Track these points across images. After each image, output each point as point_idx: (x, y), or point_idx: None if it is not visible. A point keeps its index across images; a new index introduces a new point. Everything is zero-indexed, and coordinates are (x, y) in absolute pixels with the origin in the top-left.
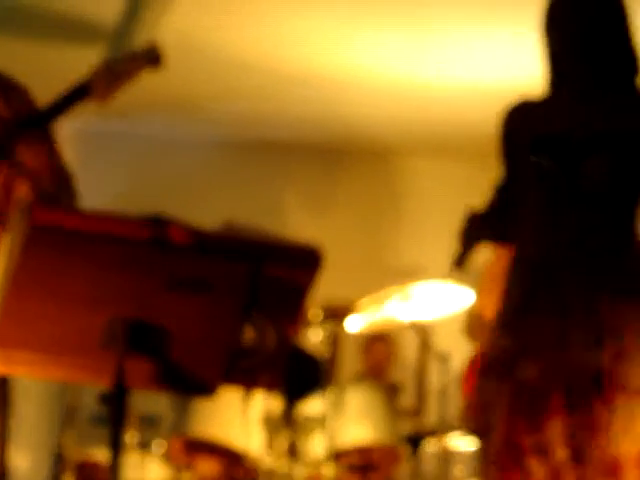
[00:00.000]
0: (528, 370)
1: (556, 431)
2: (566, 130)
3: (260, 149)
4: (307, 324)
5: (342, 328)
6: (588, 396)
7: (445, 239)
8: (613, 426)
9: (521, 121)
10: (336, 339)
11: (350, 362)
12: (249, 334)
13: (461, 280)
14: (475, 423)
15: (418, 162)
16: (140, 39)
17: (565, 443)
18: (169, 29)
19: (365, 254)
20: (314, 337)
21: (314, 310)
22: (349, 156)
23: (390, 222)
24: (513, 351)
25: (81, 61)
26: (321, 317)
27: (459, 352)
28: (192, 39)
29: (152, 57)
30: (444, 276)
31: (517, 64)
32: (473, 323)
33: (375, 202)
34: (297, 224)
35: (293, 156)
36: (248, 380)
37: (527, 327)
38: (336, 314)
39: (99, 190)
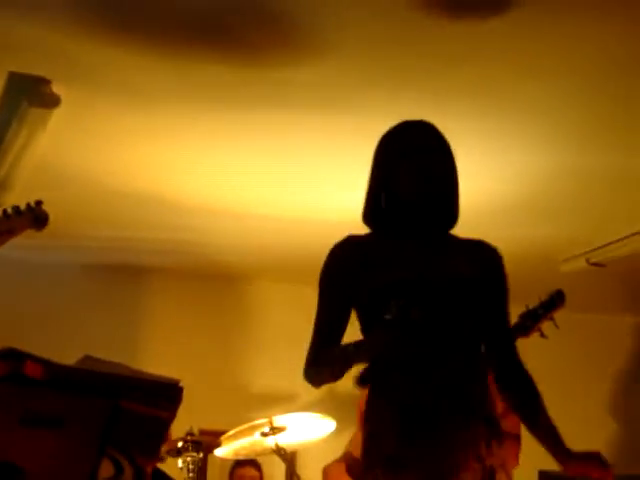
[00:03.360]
0: None
1: None
2: (416, 276)
3: (124, 273)
4: (172, 452)
5: (208, 455)
6: None
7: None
8: None
9: (355, 262)
10: (202, 466)
11: None
12: (106, 470)
13: (325, 410)
14: None
15: (282, 287)
16: (6, 164)
17: None
18: (35, 154)
19: (230, 381)
20: (180, 464)
21: (179, 437)
22: (212, 281)
23: (255, 348)
24: None
25: None
26: (187, 444)
27: None
28: (56, 165)
29: (38, 219)
30: (310, 404)
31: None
32: (352, 463)
33: (240, 328)
34: (162, 349)
35: (157, 281)
36: None
37: (408, 473)
38: (202, 441)
39: None
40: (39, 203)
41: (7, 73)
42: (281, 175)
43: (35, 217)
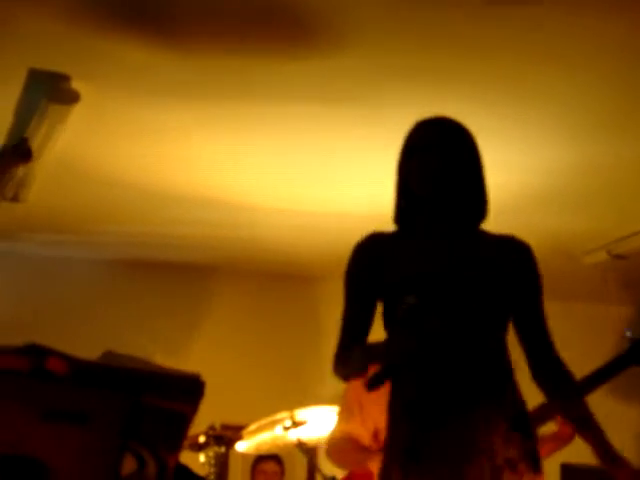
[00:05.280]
0: None
1: None
2: (432, 270)
3: (147, 269)
4: (195, 446)
5: (231, 449)
6: None
7: None
8: None
9: (377, 257)
10: (224, 460)
11: None
12: (129, 464)
13: None
14: None
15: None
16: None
17: None
18: (55, 150)
19: (251, 375)
20: (202, 458)
21: (202, 432)
22: (235, 276)
23: (278, 343)
24: None
25: None
26: (209, 439)
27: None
28: (76, 161)
29: (22, 152)
30: (332, 397)
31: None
32: (338, 447)
33: (262, 322)
34: (187, 344)
35: (179, 276)
36: None
37: (423, 470)
38: (224, 435)
39: None
40: (24, 139)
41: (27, 69)
42: (336, 171)
43: (20, 152)
